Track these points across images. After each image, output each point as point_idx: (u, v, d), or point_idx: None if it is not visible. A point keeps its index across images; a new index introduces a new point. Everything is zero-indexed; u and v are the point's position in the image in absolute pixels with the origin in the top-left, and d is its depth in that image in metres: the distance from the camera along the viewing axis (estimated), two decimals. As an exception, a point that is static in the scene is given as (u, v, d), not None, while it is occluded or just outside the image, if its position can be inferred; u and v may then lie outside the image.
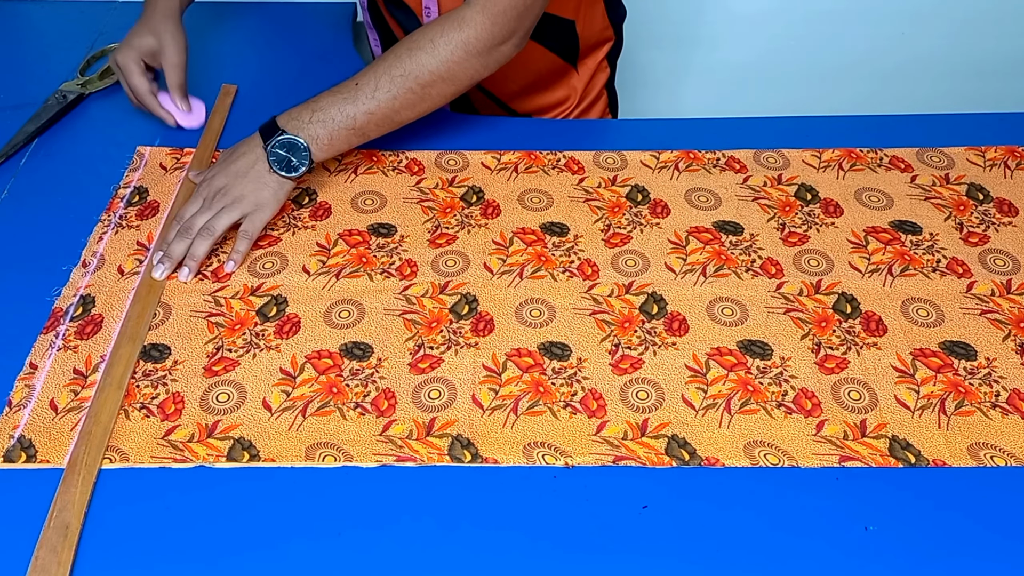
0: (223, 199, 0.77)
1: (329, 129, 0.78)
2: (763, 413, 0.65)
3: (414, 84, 0.79)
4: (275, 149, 0.78)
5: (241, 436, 0.63)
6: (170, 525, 0.57)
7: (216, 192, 0.77)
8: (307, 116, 0.79)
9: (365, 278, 0.75)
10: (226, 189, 0.77)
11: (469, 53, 0.79)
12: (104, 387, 0.65)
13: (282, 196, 0.79)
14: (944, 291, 0.74)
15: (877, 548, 0.56)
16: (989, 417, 0.64)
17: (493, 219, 0.81)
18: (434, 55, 0.78)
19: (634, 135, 0.95)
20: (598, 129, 0.97)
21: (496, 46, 0.80)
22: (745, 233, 0.80)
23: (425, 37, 0.79)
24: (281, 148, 0.78)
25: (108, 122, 0.94)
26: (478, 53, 0.79)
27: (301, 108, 0.80)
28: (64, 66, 1.01)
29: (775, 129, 0.92)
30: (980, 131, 0.92)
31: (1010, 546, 0.57)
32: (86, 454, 0.60)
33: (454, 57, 0.78)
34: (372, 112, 0.79)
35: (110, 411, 0.63)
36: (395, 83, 0.78)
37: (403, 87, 0.79)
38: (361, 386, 0.66)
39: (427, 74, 0.79)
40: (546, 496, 0.59)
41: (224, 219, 0.76)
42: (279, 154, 0.78)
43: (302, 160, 0.78)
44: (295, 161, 0.78)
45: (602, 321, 0.71)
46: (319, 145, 0.79)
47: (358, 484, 0.60)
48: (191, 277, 0.74)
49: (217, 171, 0.80)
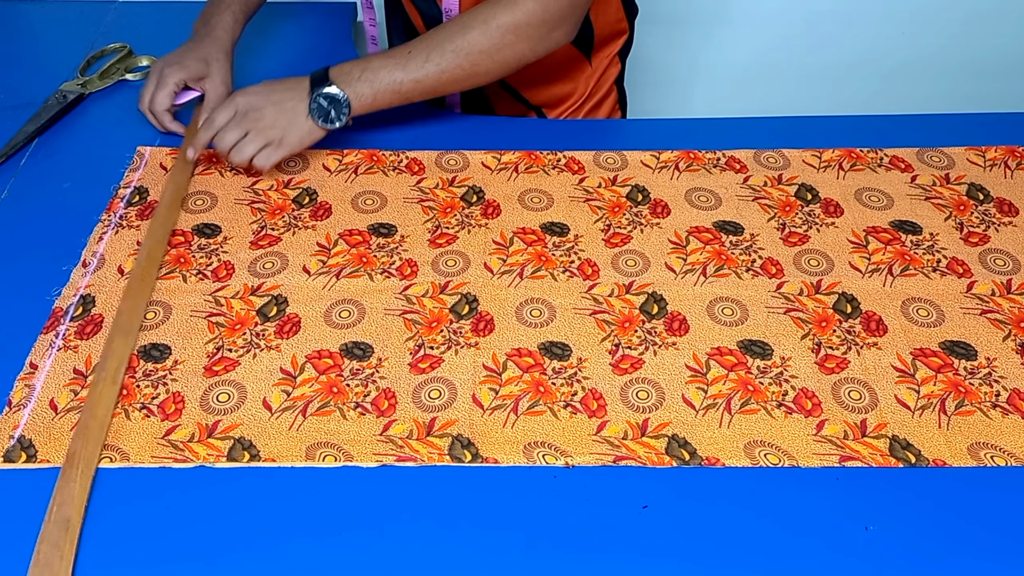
0: (255, 122, 0.81)
1: (375, 89, 0.82)
2: (763, 413, 0.65)
3: (463, 61, 0.82)
4: (319, 98, 0.81)
5: (241, 436, 0.63)
6: (170, 525, 0.57)
7: (250, 109, 0.81)
8: (357, 73, 0.82)
9: (365, 278, 0.75)
10: (261, 112, 0.81)
11: (519, 36, 0.82)
12: (98, 382, 0.65)
13: (307, 143, 0.83)
14: (944, 291, 0.74)
15: (877, 548, 0.56)
16: (989, 417, 0.64)
17: (493, 219, 0.81)
18: (485, 35, 0.81)
19: (634, 135, 0.95)
20: (598, 129, 0.97)
21: (547, 32, 0.83)
22: (745, 233, 0.80)
23: (478, 17, 0.82)
24: (325, 99, 0.81)
25: (108, 122, 0.94)
26: (528, 37, 0.82)
27: (353, 64, 0.83)
28: (64, 66, 1.01)
29: (775, 129, 0.92)
30: (980, 131, 0.92)
31: (1010, 546, 0.57)
32: (84, 449, 0.60)
33: (504, 39, 0.82)
34: (419, 81, 0.82)
35: (106, 405, 0.63)
36: (445, 57, 0.82)
37: (452, 62, 0.82)
38: (361, 386, 0.66)
39: (477, 53, 0.82)
40: (546, 496, 0.59)
41: (250, 148, 0.81)
42: (321, 104, 0.81)
43: (340, 114, 0.82)
44: (334, 114, 0.82)
45: (602, 321, 0.71)
46: (362, 102, 0.82)
47: (358, 484, 0.60)
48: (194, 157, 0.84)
49: (258, 91, 0.83)
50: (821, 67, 1.49)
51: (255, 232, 0.80)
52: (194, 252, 0.77)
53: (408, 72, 0.82)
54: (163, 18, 1.12)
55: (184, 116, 0.92)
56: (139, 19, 1.09)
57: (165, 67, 0.89)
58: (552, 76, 1.01)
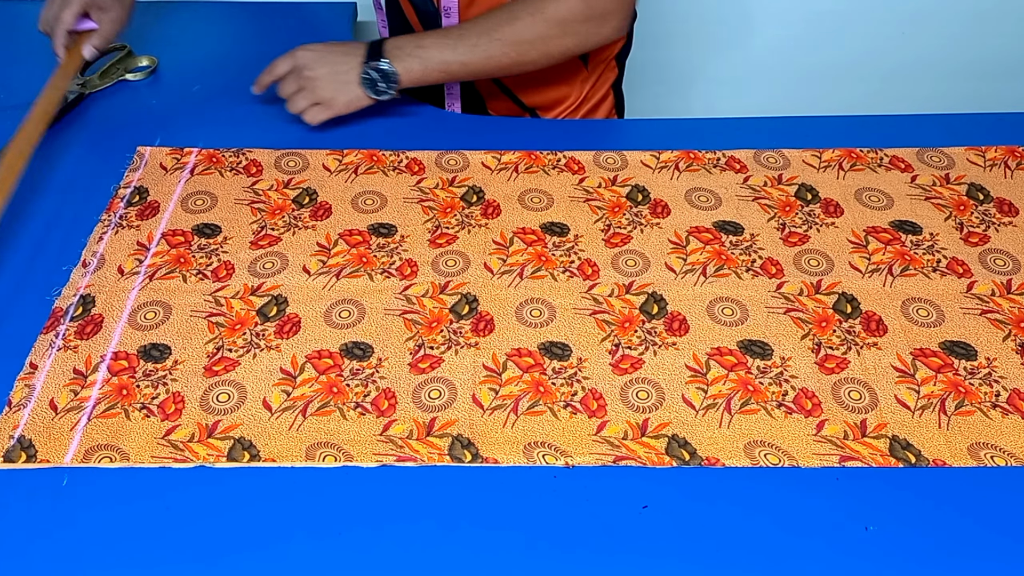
0: (309, 80, 0.87)
1: (424, 66, 0.86)
2: (763, 413, 0.65)
3: (509, 49, 0.86)
4: (369, 70, 0.86)
5: (241, 436, 0.63)
6: (170, 525, 0.57)
7: (306, 67, 0.87)
8: (410, 49, 0.86)
9: (365, 278, 0.75)
10: (316, 72, 0.87)
11: (565, 31, 0.86)
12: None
13: (353, 108, 0.88)
14: (944, 291, 0.74)
15: (877, 548, 0.56)
16: (989, 417, 0.64)
17: (493, 219, 0.81)
18: (531, 27, 0.85)
19: (634, 135, 0.95)
20: (598, 129, 0.97)
21: (594, 28, 0.87)
22: (745, 233, 0.80)
23: (526, 9, 0.85)
24: (375, 71, 0.86)
25: (108, 122, 0.94)
26: (574, 32, 0.86)
27: (408, 40, 0.87)
28: (64, 66, 1.01)
29: (775, 129, 0.92)
30: (980, 131, 0.92)
31: (1010, 546, 0.57)
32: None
33: (550, 32, 0.86)
34: (466, 63, 0.87)
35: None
36: (492, 44, 0.86)
37: (499, 50, 0.86)
38: (361, 386, 0.66)
39: (523, 43, 0.86)
40: (546, 496, 0.59)
41: (302, 103, 0.88)
42: (372, 75, 0.86)
43: (389, 87, 0.86)
44: (382, 86, 0.86)
45: (602, 321, 0.71)
46: (410, 77, 0.86)
47: (358, 484, 0.60)
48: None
49: (319, 51, 0.88)
50: (821, 67, 1.49)
51: (255, 232, 0.80)
52: (194, 252, 0.77)
53: (457, 54, 0.86)
54: (163, 18, 1.12)
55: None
56: (139, 19, 1.09)
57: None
58: (548, 79, 1.01)
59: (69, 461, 0.61)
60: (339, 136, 0.91)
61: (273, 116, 0.94)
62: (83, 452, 0.61)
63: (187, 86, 0.99)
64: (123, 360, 0.68)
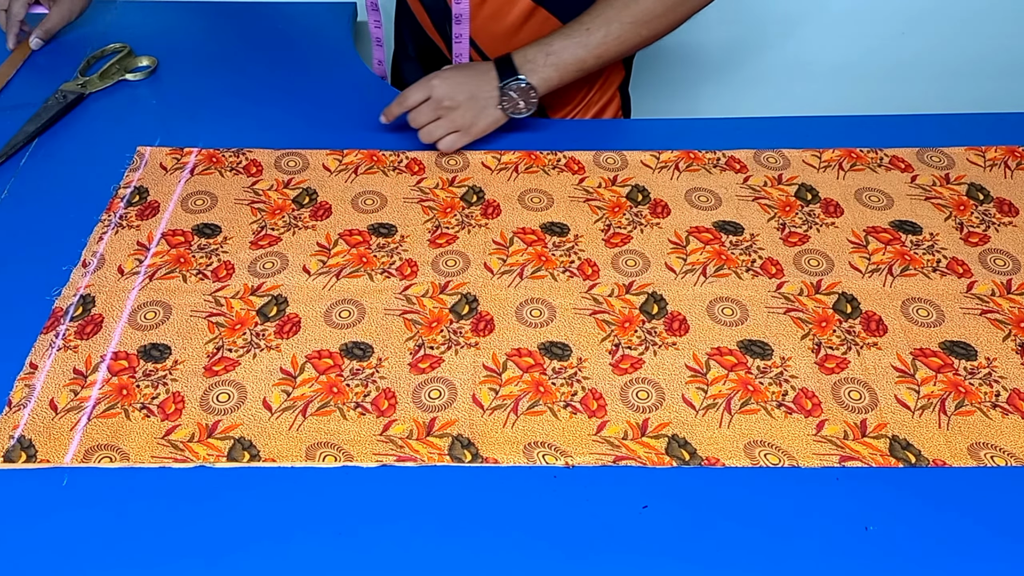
0: (448, 110, 0.85)
1: (560, 72, 0.86)
2: (763, 413, 0.65)
3: (641, 28, 0.86)
4: (509, 92, 0.85)
5: (241, 436, 0.63)
6: (170, 525, 0.57)
7: (445, 97, 0.85)
8: (542, 59, 0.85)
9: (365, 278, 0.75)
10: (455, 102, 0.85)
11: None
12: None
13: (491, 129, 0.87)
14: (944, 291, 0.74)
15: (877, 548, 0.56)
16: (989, 417, 0.64)
17: (493, 219, 0.81)
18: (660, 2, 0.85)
19: (634, 135, 0.95)
20: (599, 129, 0.97)
21: None
22: (745, 233, 0.80)
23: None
24: (515, 91, 0.85)
25: (108, 122, 0.94)
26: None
27: (536, 50, 0.85)
28: (64, 66, 1.01)
29: (775, 129, 0.92)
30: (980, 131, 0.92)
31: (1010, 546, 0.57)
32: None
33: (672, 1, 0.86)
34: (600, 56, 0.86)
35: None
36: (624, 28, 0.85)
37: (632, 32, 0.86)
38: (361, 386, 0.66)
39: (653, 18, 0.86)
40: (546, 496, 0.59)
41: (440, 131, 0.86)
42: (511, 96, 0.85)
43: (530, 105, 0.86)
44: (522, 104, 0.86)
45: (602, 321, 0.71)
46: (548, 86, 0.86)
47: (358, 484, 0.60)
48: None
49: (455, 79, 0.86)
50: (821, 67, 1.48)
51: (255, 232, 0.80)
52: (194, 252, 0.77)
53: (590, 49, 0.85)
54: (163, 18, 1.12)
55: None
56: (139, 19, 1.09)
57: None
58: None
59: (69, 461, 0.61)
60: (339, 136, 0.91)
61: (273, 116, 0.94)
62: (83, 452, 0.61)
63: (187, 86, 0.99)
64: (123, 360, 0.68)
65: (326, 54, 1.06)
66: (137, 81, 1.00)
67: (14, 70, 0.97)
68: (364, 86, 1.00)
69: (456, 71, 0.87)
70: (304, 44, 1.08)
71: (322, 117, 0.94)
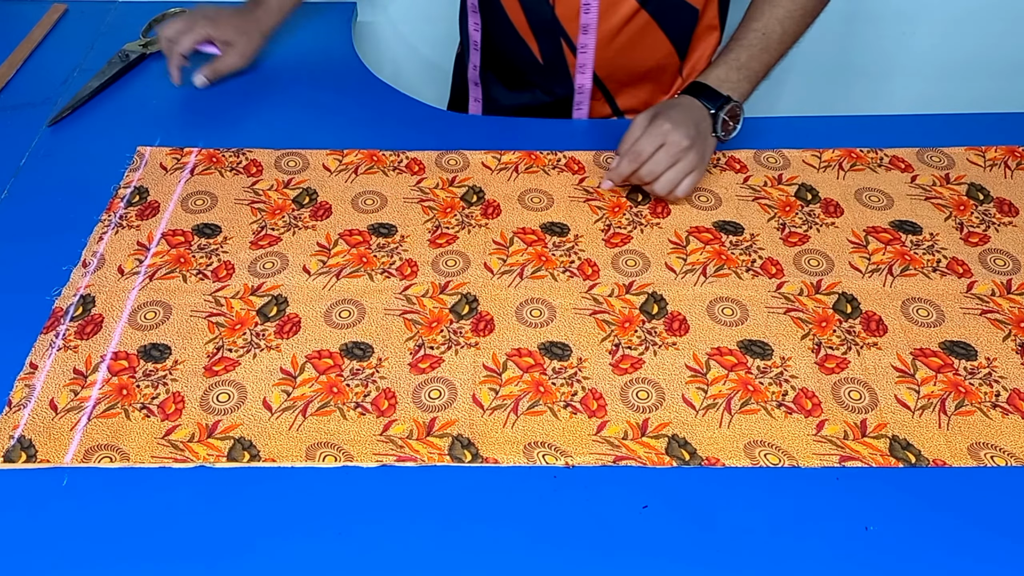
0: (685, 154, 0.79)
1: (753, 83, 0.88)
2: (763, 413, 0.65)
3: (810, 18, 0.90)
4: (724, 116, 0.84)
5: (241, 436, 0.63)
6: (170, 525, 0.57)
7: (683, 141, 0.79)
8: (735, 75, 0.86)
9: (365, 278, 0.75)
10: (690, 147, 0.80)
11: None
12: None
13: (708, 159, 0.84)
14: (944, 291, 0.74)
15: (877, 548, 0.56)
16: (989, 417, 0.64)
17: (493, 219, 0.81)
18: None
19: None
20: (599, 129, 0.97)
21: None
22: (745, 233, 0.80)
23: None
24: (727, 114, 0.84)
25: (108, 122, 0.94)
26: None
27: (726, 68, 0.86)
28: (64, 66, 1.01)
29: (775, 129, 0.92)
30: (980, 131, 0.92)
31: (1010, 546, 0.57)
32: None
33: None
34: (781, 55, 0.89)
35: None
36: (796, 22, 0.89)
37: (803, 23, 0.90)
38: (361, 386, 0.66)
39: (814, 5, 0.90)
40: (546, 496, 0.59)
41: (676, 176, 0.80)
42: (725, 120, 0.84)
43: (738, 123, 0.86)
44: (732, 124, 0.85)
45: (602, 321, 0.71)
46: (745, 98, 0.87)
47: (358, 484, 0.60)
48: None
49: (681, 122, 0.80)
50: (821, 67, 1.48)
51: (255, 232, 0.80)
52: (194, 252, 0.77)
53: (772, 53, 0.88)
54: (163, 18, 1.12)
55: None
56: (139, 19, 1.09)
57: (201, 18, 0.95)
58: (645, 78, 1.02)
59: (69, 461, 0.61)
60: (339, 136, 0.91)
61: (273, 116, 0.94)
62: (83, 452, 0.61)
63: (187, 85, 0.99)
64: (123, 360, 0.68)
65: (326, 54, 1.06)
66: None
67: (14, 70, 0.97)
68: (364, 86, 1.00)
69: (673, 111, 0.82)
70: (304, 44, 1.08)
71: (322, 117, 0.94)
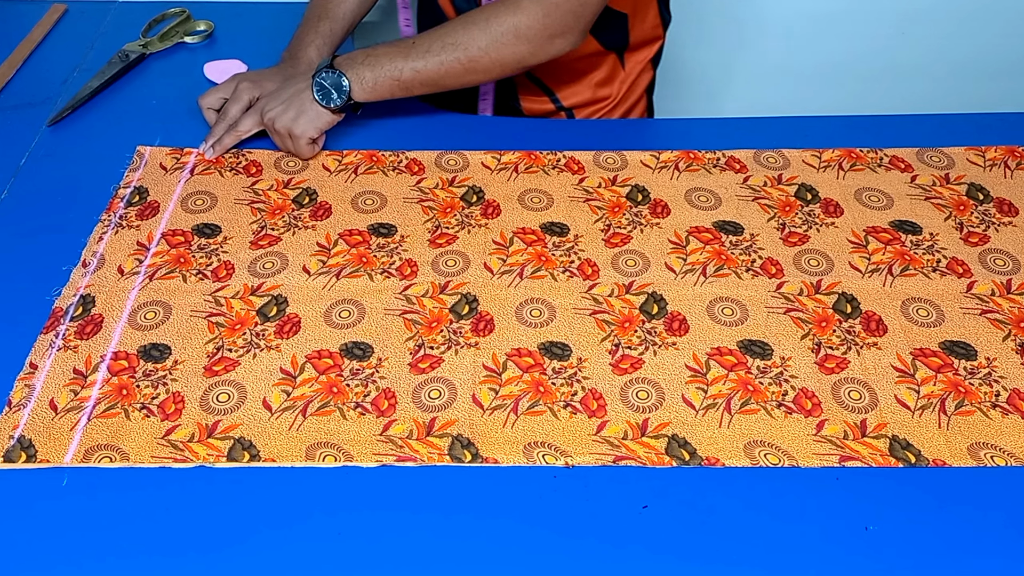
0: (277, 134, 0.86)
1: (376, 74, 0.84)
2: (763, 413, 0.65)
3: (462, 56, 0.84)
4: (319, 80, 0.84)
5: (241, 436, 0.63)
6: (170, 525, 0.57)
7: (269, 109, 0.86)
8: (360, 58, 0.85)
9: (365, 278, 0.75)
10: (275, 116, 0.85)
11: (519, 38, 0.83)
12: None
13: (320, 125, 0.86)
14: (944, 291, 0.74)
15: (877, 548, 0.56)
16: (989, 417, 0.64)
17: (493, 219, 0.81)
18: (486, 32, 0.83)
19: (634, 135, 0.95)
20: (599, 129, 0.97)
21: (548, 37, 0.84)
22: (745, 233, 0.80)
23: (482, 15, 0.84)
24: (326, 81, 0.84)
25: (108, 122, 0.94)
26: (527, 40, 0.84)
27: (358, 51, 0.86)
28: (64, 66, 1.01)
29: (775, 129, 0.92)
30: (980, 131, 0.92)
31: (1010, 546, 0.57)
32: None
33: (504, 39, 0.83)
34: (418, 71, 0.84)
35: None
36: (445, 51, 0.84)
37: (451, 56, 0.84)
38: (361, 386, 0.66)
39: (476, 49, 0.83)
40: (546, 496, 0.59)
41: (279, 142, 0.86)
42: (323, 85, 0.84)
43: (341, 95, 0.84)
44: (335, 95, 0.84)
45: (602, 321, 0.71)
46: (363, 86, 0.84)
47: (358, 484, 0.60)
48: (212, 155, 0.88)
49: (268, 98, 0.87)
50: (821, 67, 1.48)
51: (255, 232, 0.80)
52: (194, 252, 0.77)
53: (409, 61, 0.84)
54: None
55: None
56: (139, 19, 1.09)
57: (242, 81, 0.91)
58: (587, 78, 1.01)
59: (69, 461, 0.61)
60: (339, 136, 0.91)
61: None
62: (83, 452, 0.61)
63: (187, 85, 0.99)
64: (123, 360, 0.68)
65: (326, 54, 1.06)
66: (194, 44, 1.06)
67: (14, 70, 0.97)
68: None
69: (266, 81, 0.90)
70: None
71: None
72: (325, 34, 0.97)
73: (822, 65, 1.48)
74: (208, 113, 0.92)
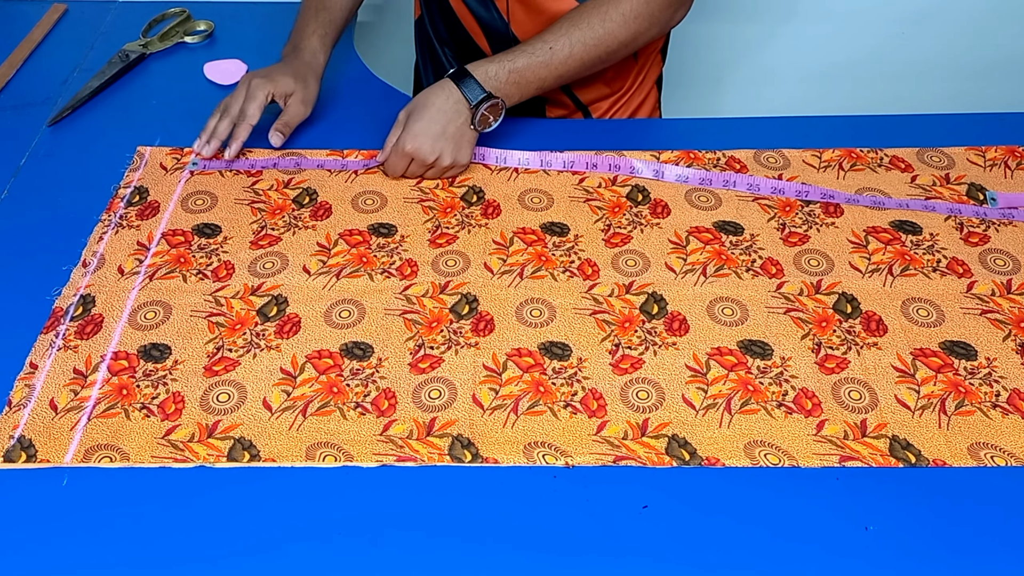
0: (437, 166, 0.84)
1: (522, 91, 0.85)
2: (763, 413, 0.65)
3: (602, 52, 0.86)
4: (484, 111, 0.83)
5: (241, 436, 0.63)
6: (170, 525, 0.57)
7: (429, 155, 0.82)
8: (504, 76, 0.84)
9: (365, 278, 0.75)
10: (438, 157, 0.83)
11: (652, 23, 0.86)
12: None
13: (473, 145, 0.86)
14: (944, 291, 0.74)
15: (877, 548, 0.56)
16: (989, 417, 0.64)
17: (493, 219, 0.81)
18: (624, 26, 0.85)
19: (634, 136, 0.95)
20: (599, 129, 0.97)
21: (672, 12, 0.87)
22: (745, 233, 0.80)
23: (617, 9, 0.85)
24: (486, 109, 0.83)
25: (108, 122, 0.94)
26: (658, 22, 0.87)
27: (498, 66, 0.84)
28: (64, 66, 1.01)
29: (775, 129, 0.92)
30: (980, 131, 0.92)
31: (1010, 546, 0.57)
32: None
33: (640, 27, 0.86)
34: (561, 76, 0.86)
35: None
36: (588, 51, 0.85)
37: (593, 55, 0.85)
38: (361, 386, 0.66)
39: (616, 44, 0.86)
40: (546, 496, 0.59)
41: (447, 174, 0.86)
42: (484, 114, 0.83)
43: (498, 119, 0.85)
44: (492, 119, 0.84)
45: (602, 321, 0.71)
46: (509, 103, 0.85)
47: (358, 484, 0.60)
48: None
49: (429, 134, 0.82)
50: (821, 67, 1.48)
51: (255, 232, 0.80)
52: (194, 252, 0.77)
53: (552, 69, 0.85)
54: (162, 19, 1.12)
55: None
56: (139, 19, 1.09)
57: (254, 79, 0.88)
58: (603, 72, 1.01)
59: (69, 461, 0.61)
60: (339, 136, 0.91)
61: (273, 116, 0.94)
62: (83, 452, 0.61)
63: (187, 84, 0.99)
64: (123, 360, 0.68)
65: (326, 54, 1.06)
66: (194, 44, 1.05)
67: (14, 70, 0.97)
68: (364, 86, 1.00)
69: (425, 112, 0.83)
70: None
71: (322, 117, 0.94)
72: (325, 23, 0.96)
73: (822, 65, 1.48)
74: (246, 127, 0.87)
